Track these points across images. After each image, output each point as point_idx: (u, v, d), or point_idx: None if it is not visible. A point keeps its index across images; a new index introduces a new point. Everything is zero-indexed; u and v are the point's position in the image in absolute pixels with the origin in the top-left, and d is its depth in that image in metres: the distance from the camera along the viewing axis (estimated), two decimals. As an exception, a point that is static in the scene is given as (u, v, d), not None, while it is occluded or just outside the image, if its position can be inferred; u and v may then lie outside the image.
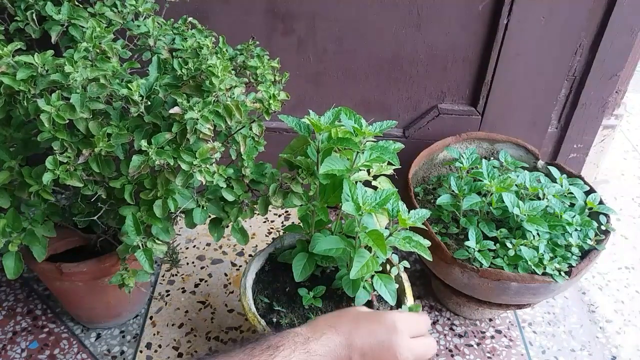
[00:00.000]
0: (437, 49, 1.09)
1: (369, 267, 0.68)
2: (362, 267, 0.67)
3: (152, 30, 0.78)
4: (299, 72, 1.12)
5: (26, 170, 0.68)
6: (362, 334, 0.62)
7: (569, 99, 1.19)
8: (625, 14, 1.04)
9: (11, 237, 0.70)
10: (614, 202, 1.41)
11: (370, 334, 0.62)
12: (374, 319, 0.65)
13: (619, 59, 1.11)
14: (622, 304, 1.13)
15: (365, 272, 0.67)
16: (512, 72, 1.09)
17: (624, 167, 1.56)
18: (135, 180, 0.68)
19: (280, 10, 1.05)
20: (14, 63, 0.63)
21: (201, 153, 0.64)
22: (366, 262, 0.68)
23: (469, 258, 0.89)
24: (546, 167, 1.06)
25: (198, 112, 0.62)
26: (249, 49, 0.83)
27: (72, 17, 0.73)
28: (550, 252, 0.90)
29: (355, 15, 1.05)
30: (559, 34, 1.05)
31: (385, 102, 1.17)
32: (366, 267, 0.68)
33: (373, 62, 1.11)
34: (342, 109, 0.71)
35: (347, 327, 0.63)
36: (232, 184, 0.73)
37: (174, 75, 0.68)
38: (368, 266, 0.68)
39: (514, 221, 0.93)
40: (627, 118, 1.77)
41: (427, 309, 1.09)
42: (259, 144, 0.76)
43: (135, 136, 0.65)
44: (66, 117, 0.61)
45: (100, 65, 0.65)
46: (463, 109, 1.16)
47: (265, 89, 0.69)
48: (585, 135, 1.24)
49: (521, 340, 1.04)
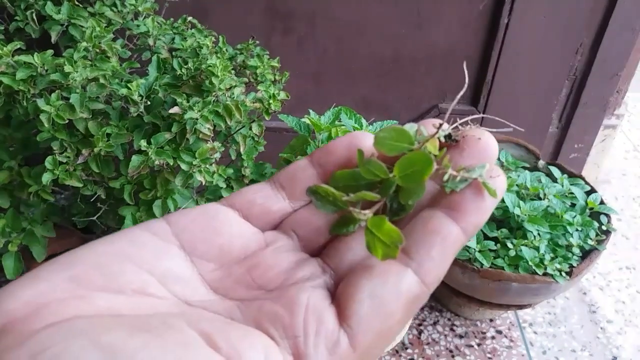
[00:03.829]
0: (438, 48, 1.09)
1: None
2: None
3: (152, 30, 0.78)
4: (299, 71, 1.12)
5: (25, 170, 0.68)
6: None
7: (570, 98, 1.19)
8: (627, 13, 1.04)
9: (11, 237, 0.70)
10: (615, 202, 1.41)
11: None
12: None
13: (620, 59, 1.11)
14: (623, 304, 1.12)
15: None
16: (513, 71, 1.09)
17: (625, 167, 1.55)
18: (135, 180, 0.68)
19: (280, 10, 1.05)
20: (13, 63, 0.63)
21: (201, 153, 0.64)
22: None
23: (469, 258, 0.89)
24: (547, 167, 1.06)
25: (198, 112, 0.62)
26: (248, 49, 0.82)
27: (72, 17, 0.73)
28: (551, 253, 0.89)
29: (356, 14, 1.05)
30: (560, 33, 1.04)
31: (386, 101, 1.17)
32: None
33: (373, 62, 1.11)
34: (342, 108, 0.71)
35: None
36: (232, 184, 0.73)
37: (173, 75, 0.68)
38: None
39: (514, 221, 0.93)
40: (628, 118, 1.76)
41: (427, 309, 1.09)
42: (258, 144, 0.76)
43: (134, 136, 0.65)
44: (66, 117, 0.61)
45: (100, 65, 0.65)
46: (463, 108, 1.16)
47: (265, 89, 0.69)
48: (586, 135, 1.24)
49: (522, 340, 1.04)
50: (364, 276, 0.22)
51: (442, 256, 0.22)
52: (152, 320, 0.19)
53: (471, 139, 0.24)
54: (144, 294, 0.21)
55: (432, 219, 0.22)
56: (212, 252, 0.24)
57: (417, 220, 0.23)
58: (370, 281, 0.21)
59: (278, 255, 0.24)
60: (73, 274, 0.21)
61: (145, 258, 0.22)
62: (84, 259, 0.21)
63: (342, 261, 0.24)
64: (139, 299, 0.21)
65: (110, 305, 0.20)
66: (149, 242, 0.23)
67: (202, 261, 0.23)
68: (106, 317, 0.19)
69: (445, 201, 0.23)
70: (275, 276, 0.23)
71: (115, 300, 0.20)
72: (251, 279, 0.23)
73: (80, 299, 0.20)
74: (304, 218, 0.25)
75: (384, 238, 0.22)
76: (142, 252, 0.22)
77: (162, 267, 0.22)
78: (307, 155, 0.26)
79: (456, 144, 0.24)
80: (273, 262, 0.23)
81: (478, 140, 0.24)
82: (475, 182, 0.22)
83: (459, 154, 0.24)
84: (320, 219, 0.25)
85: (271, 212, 0.25)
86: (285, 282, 0.23)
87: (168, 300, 0.22)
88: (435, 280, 0.22)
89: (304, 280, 0.23)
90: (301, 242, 0.25)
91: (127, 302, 0.20)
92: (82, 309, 0.19)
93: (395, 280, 0.21)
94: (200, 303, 0.22)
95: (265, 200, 0.25)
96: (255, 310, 0.21)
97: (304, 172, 0.25)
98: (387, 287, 0.21)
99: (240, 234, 0.24)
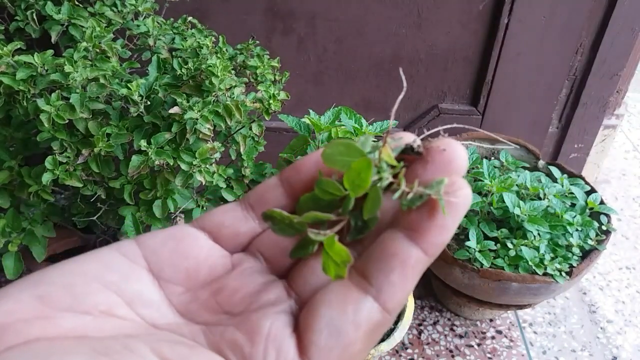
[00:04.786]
0: (438, 48, 1.09)
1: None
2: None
3: (152, 30, 0.78)
4: (299, 71, 1.12)
5: (26, 170, 0.68)
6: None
7: (570, 98, 1.19)
8: (626, 13, 1.04)
9: (11, 237, 0.70)
10: (614, 202, 1.41)
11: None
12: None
13: (619, 59, 1.11)
14: (622, 304, 1.12)
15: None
16: (513, 71, 1.09)
17: (625, 167, 1.55)
18: (135, 180, 0.68)
19: (280, 10, 1.05)
20: (13, 63, 0.63)
21: (201, 153, 0.64)
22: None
23: (469, 258, 0.89)
24: (547, 167, 1.06)
25: (198, 112, 0.62)
26: (248, 49, 0.82)
27: (72, 17, 0.73)
28: (551, 253, 0.89)
29: (356, 14, 1.05)
30: (560, 33, 1.04)
31: (386, 101, 1.17)
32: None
33: (373, 62, 1.11)
34: (342, 108, 0.71)
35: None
36: (232, 184, 0.73)
37: (173, 75, 0.68)
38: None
39: (514, 221, 0.93)
40: (628, 118, 1.77)
41: (427, 309, 1.09)
42: (258, 144, 0.76)
43: (134, 136, 0.65)
44: (66, 117, 0.61)
45: (100, 65, 0.65)
46: (464, 108, 1.16)
47: (265, 89, 0.69)
48: (586, 135, 1.24)
49: (522, 340, 1.04)
50: (324, 304, 0.21)
51: (402, 281, 0.21)
52: (114, 344, 0.19)
53: (435, 150, 0.22)
54: (111, 315, 0.21)
55: (390, 241, 0.21)
56: (179, 276, 0.24)
57: (377, 242, 0.22)
58: (329, 310, 0.21)
59: (244, 279, 0.24)
60: (41, 293, 0.21)
61: (113, 279, 0.22)
62: (53, 278, 0.22)
63: (305, 284, 0.23)
64: (105, 320, 0.21)
65: (75, 326, 0.20)
66: (118, 263, 0.23)
67: (170, 284, 0.24)
68: (69, 339, 0.20)
69: (403, 220, 0.21)
70: (240, 300, 0.23)
71: (81, 321, 0.21)
72: (216, 303, 0.23)
73: (46, 320, 0.20)
74: (271, 239, 0.25)
75: (334, 257, 0.22)
76: (110, 273, 0.22)
77: (130, 289, 0.22)
78: (277, 174, 0.25)
79: (420, 157, 0.22)
80: (238, 285, 0.23)
81: (442, 152, 0.22)
82: (433, 199, 0.21)
83: (422, 166, 0.22)
84: (285, 240, 0.24)
85: (240, 233, 0.25)
86: (249, 307, 0.22)
87: (134, 323, 0.22)
88: (397, 306, 0.21)
89: (268, 304, 0.22)
90: (268, 263, 0.25)
91: (93, 323, 0.21)
92: (46, 330, 0.20)
93: (353, 308, 0.20)
94: (167, 326, 0.22)
95: (234, 222, 0.25)
96: (218, 336, 0.21)
97: (273, 192, 0.25)
98: (346, 317, 0.20)
99: (207, 258, 0.24)
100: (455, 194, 0.21)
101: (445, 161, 0.22)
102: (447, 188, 0.21)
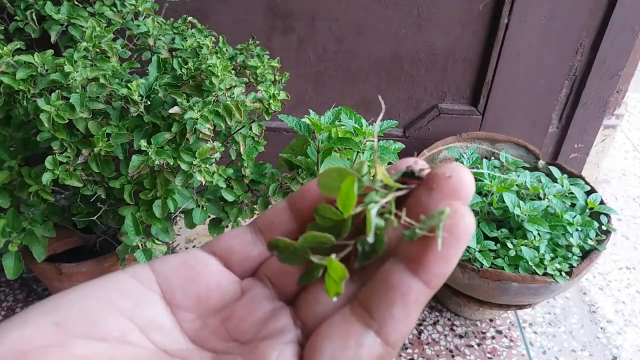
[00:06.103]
0: (438, 48, 1.09)
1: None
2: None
3: (152, 30, 0.78)
4: (299, 71, 1.12)
5: (26, 170, 0.68)
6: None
7: (570, 98, 1.19)
8: (626, 13, 1.04)
9: (11, 237, 0.70)
10: (614, 202, 1.41)
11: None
12: None
13: (619, 59, 1.11)
14: (622, 304, 1.12)
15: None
16: (513, 71, 1.09)
17: (625, 166, 1.55)
18: (135, 180, 0.68)
19: (280, 10, 1.05)
20: (13, 62, 0.63)
21: (201, 153, 0.64)
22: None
23: (469, 258, 0.89)
24: (547, 167, 1.06)
25: (198, 112, 0.62)
26: (248, 49, 0.82)
27: (71, 17, 0.73)
28: (551, 253, 0.89)
29: (355, 14, 1.05)
30: (560, 33, 1.04)
31: (386, 101, 1.17)
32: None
33: (373, 62, 1.11)
34: (342, 108, 0.71)
35: None
36: (232, 184, 0.73)
37: (173, 75, 0.68)
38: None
39: (514, 221, 0.93)
40: (628, 118, 1.77)
41: (427, 309, 1.09)
42: (258, 144, 0.76)
43: (134, 136, 0.65)
44: (66, 117, 0.61)
45: (100, 64, 0.65)
46: (464, 108, 1.16)
47: (265, 89, 0.69)
48: (586, 135, 1.24)
49: (522, 340, 1.04)
50: (326, 338, 0.21)
51: (404, 314, 0.20)
52: None
53: (440, 176, 0.21)
54: (125, 342, 0.22)
55: (391, 272, 0.21)
56: (190, 302, 0.24)
57: (379, 273, 0.21)
58: (332, 344, 0.21)
59: (252, 306, 0.24)
60: (58, 319, 0.21)
61: (128, 306, 0.23)
62: (70, 304, 0.22)
63: (310, 313, 0.23)
64: (119, 347, 0.21)
65: (90, 354, 0.21)
66: (132, 289, 0.23)
67: (182, 310, 0.24)
68: None
69: (405, 250, 0.21)
70: (248, 328, 0.23)
71: (96, 347, 0.21)
72: (226, 330, 0.23)
73: (61, 347, 0.20)
74: (278, 265, 0.25)
75: (332, 275, 0.22)
76: (125, 299, 0.23)
77: (144, 316, 0.23)
78: (285, 198, 0.26)
79: (420, 182, 0.22)
80: (247, 313, 0.24)
81: (448, 179, 0.21)
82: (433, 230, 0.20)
83: (427, 193, 0.21)
84: (292, 266, 0.24)
85: (250, 258, 0.25)
86: (257, 335, 0.23)
87: (147, 349, 0.22)
88: (399, 339, 0.21)
89: (275, 333, 0.22)
90: (275, 288, 0.25)
91: (107, 350, 0.21)
92: (62, 357, 0.20)
93: (355, 343, 0.21)
94: (178, 352, 0.23)
95: (244, 247, 0.25)
96: None
97: (281, 217, 0.25)
98: (348, 352, 0.20)
99: (218, 284, 0.25)
100: (457, 224, 0.20)
101: (450, 188, 0.21)
102: (450, 217, 0.20)
